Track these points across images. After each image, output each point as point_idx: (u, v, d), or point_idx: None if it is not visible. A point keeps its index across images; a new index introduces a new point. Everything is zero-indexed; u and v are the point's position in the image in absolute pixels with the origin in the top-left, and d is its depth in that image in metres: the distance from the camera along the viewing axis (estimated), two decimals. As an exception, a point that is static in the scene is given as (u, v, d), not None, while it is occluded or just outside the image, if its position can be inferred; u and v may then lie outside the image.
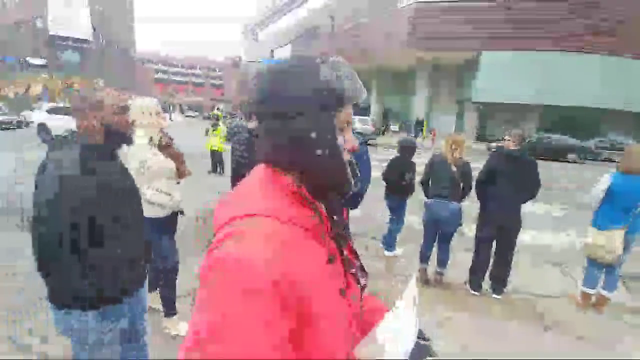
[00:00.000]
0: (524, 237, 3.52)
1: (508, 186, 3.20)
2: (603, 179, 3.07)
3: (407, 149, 4.08)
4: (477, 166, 3.53)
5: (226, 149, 8.74)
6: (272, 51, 39.57)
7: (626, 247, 3.05)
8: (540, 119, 20.61)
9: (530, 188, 3.23)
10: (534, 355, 2.56)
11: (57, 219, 1.27)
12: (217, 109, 12.35)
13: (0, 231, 4.43)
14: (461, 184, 3.45)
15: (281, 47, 38.11)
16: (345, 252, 0.73)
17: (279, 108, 0.65)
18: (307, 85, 0.64)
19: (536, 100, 19.08)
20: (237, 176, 2.94)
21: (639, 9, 18.42)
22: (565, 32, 18.45)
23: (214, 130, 8.92)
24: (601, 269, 3.18)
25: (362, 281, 0.76)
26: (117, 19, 46.30)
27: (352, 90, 0.67)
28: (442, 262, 3.62)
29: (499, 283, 3.37)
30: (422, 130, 21.92)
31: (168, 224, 2.47)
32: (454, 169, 3.40)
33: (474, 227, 3.56)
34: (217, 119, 9.12)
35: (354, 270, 0.74)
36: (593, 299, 3.26)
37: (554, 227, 5.79)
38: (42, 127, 14.00)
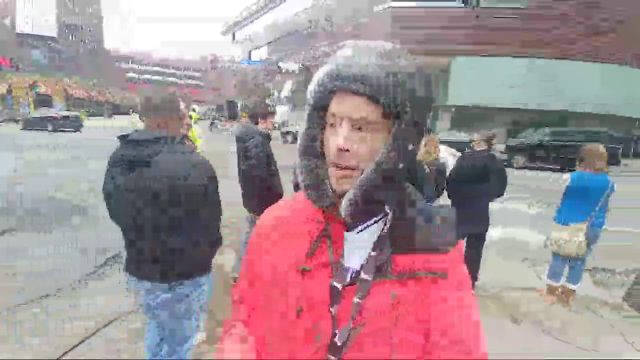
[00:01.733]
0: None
1: (478, 185, 3.32)
2: (564, 177, 3.22)
3: None
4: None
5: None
6: (249, 52, 39.47)
7: (591, 242, 3.14)
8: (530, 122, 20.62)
9: (498, 186, 3.38)
10: (509, 348, 2.58)
11: (188, 205, 1.48)
12: (193, 110, 11.94)
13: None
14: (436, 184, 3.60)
15: (257, 48, 37.92)
16: (336, 270, 0.61)
17: None
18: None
19: (508, 104, 19.17)
20: (249, 177, 2.93)
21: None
22: (548, 39, 18.49)
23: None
24: (565, 261, 3.29)
25: (333, 309, 0.59)
26: (86, 16, 45.85)
27: (329, 79, 0.57)
28: None
29: (471, 278, 3.45)
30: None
31: None
32: (428, 169, 3.52)
33: None
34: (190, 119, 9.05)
35: (338, 288, 0.60)
36: (559, 291, 3.36)
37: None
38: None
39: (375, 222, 0.62)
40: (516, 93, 18.72)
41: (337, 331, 0.58)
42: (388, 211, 0.62)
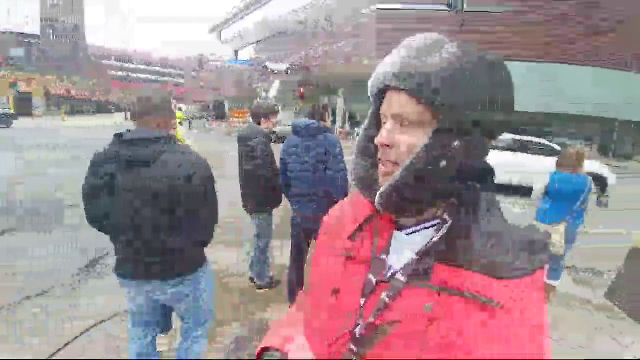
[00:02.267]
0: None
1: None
2: (543, 178, 3.33)
3: None
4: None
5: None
6: (236, 52, 39.46)
7: (570, 240, 3.24)
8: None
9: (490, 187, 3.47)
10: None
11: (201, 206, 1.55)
12: (179, 109, 11.45)
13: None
14: None
15: (244, 47, 37.87)
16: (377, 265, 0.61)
17: None
18: None
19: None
20: (254, 177, 2.92)
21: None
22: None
23: None
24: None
25: (362, 301, 0.59)
26: (68, 13, 45.40)
27: (374, 77, 0.59)
28: None
29: None
30: None
31: None
32: None
33: None
34: None
35: (372, 282, 0.60)
36: None
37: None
38: None
39: (431, 227, 0.59)
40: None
41: (360, 322, 0.58)
42: (447, 218, 0.58)
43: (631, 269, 3.44)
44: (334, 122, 23.41)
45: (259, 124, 3.02)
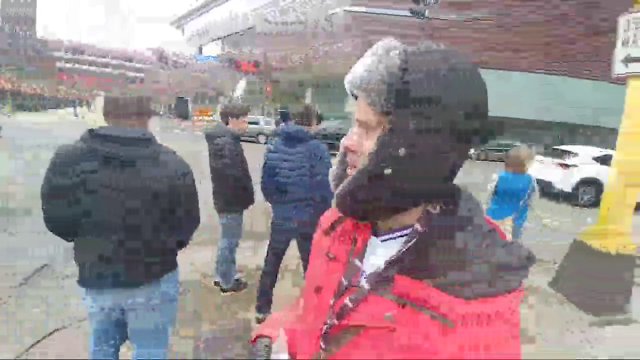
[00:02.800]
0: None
1: None
2: (493, 177, 3.47)
3: None
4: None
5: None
6: (200, 47, 39.41)
7: (515, 236, 3.42)
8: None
9: None
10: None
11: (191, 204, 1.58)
12: None
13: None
14: None
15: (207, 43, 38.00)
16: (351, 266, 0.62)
17: None
18: None
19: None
20: (222, 176, 2.93)
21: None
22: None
23: None
24: None
25: (332, 301, 0.61)
26: (20, 5, 44.06)
27: (345, 82, 0.58)
28: None
29: None
30: None
31: None
32: None
33: None
34: None
35: (342, 282, 0.61)
36: None
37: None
38: None
39: (406, 235, 0.58)
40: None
41: (328, 321, 0.60)
42: (419, 229, 0.57)
43: (574, 260, 3.60)
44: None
45: (227, 123, 3.02)
